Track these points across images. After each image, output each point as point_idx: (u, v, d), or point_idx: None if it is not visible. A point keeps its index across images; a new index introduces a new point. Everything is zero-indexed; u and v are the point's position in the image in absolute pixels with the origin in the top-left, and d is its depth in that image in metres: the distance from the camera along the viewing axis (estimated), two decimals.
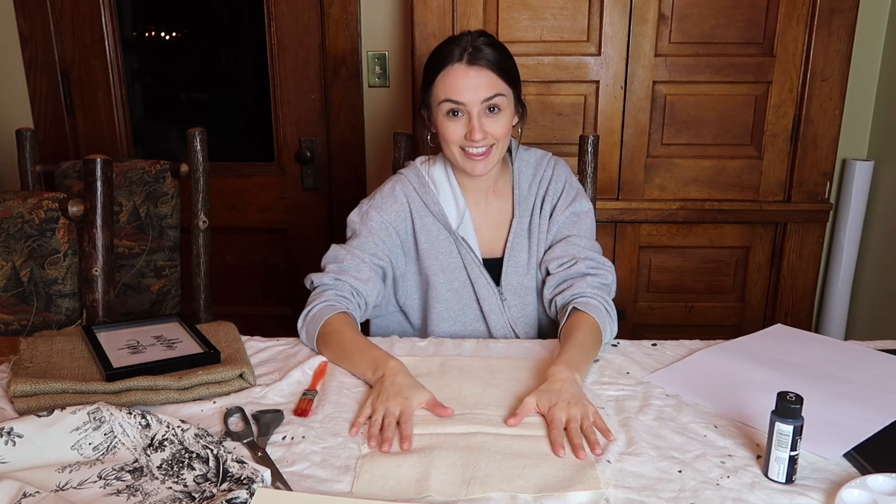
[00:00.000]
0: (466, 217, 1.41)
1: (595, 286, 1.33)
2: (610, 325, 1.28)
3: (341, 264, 1.35)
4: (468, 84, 1.28)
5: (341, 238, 1.43)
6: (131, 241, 1.84)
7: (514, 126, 1.38)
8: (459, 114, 1.31)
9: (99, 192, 1.43)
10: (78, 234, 1.45)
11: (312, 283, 1.36)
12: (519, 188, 1.43)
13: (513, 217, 1.43)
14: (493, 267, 1.42)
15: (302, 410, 1.04)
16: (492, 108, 1.30)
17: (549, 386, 1.06)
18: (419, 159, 1.47)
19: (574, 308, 1.28)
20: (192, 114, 2.56)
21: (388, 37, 2.24)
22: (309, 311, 1.29)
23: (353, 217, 1.42)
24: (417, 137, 1.81)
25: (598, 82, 1.94)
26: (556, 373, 1.08)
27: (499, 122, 1.31)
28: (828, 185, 1.99)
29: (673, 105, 1.96)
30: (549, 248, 1.41)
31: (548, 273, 1.39)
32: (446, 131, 1.32)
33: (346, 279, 1.33)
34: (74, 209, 1.41)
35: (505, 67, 1.31)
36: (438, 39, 1.40)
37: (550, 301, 1.37)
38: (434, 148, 1.41)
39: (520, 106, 1.38)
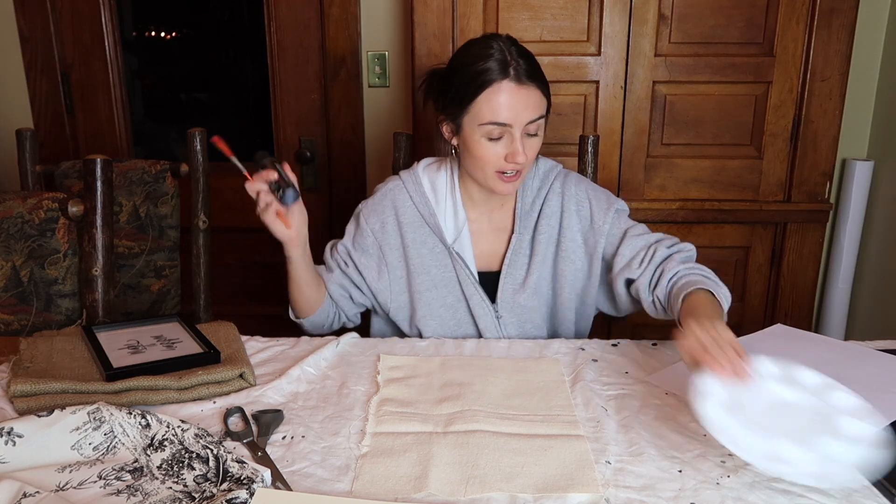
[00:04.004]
0: (465, 231, 1.35)
1: (683, 261, 1.24)
2: (717, 290, 1.16)
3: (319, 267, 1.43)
4: (517, 104, 1.19)
5: (341, 237, 1.44)
6: (131, 241, 1.84)
7: None
8: (502, 136, 1.23)
9: (99, 192, 1.43)
10: (78, 234, 1.46)
11: None
12: (522, 201, 1.36)
13: (512, 231, 1.36)
14: (490, 282, 1.36)
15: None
16: (533, 131, 1.24)
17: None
18: (423, 164, 1.41)
19: (682, 295, 1.15)
20: (192, 114, 2.56)
21: (388, 37, 2.24)
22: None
23: (350, 227, 1.43)
24: (417, 138, 1.81)
25: (597, 82, 1.94)
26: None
27: (537, 143, 1.26)
28: (828, 185, 1.99)
29: (673, 105, 1.96)
30: (614, 255, 1.31)
31: (629, 281, 1.28)
32: (485, 153, 1.23)
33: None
34: (74, 209, 1.41)
35: (546, 83, 1.24)
36: (438, 39, 1.36)
37: (653, 301, 1.25)
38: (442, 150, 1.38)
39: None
